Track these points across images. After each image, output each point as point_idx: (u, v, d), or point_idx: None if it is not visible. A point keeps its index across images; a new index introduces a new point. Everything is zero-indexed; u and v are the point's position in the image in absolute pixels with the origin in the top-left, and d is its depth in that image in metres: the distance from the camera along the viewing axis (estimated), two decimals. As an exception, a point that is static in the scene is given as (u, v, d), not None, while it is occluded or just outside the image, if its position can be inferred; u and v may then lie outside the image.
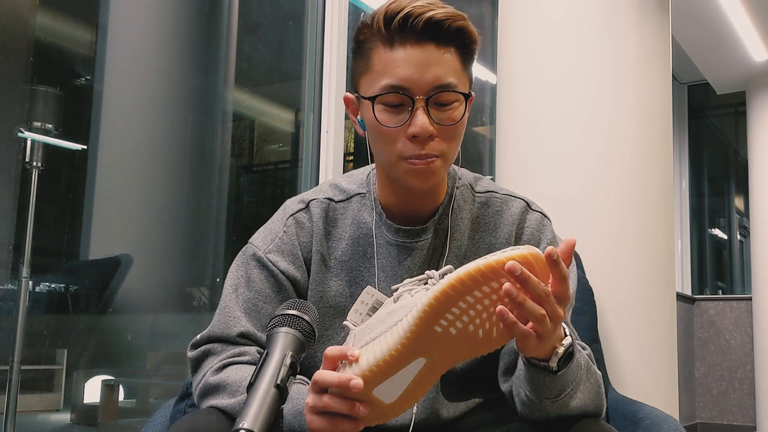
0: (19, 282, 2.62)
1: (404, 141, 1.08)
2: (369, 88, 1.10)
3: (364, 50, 1.11)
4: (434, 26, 1.06)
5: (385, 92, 1.07)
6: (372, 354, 0.91)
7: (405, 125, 1.07)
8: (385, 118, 1.08)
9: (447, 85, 1.08)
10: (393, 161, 1.10)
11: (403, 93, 1.07)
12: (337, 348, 0.92)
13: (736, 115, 6.85)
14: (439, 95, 1.07)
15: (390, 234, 1.18)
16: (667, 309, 2.24)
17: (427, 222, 1.18)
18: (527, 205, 1.23)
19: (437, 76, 1.07)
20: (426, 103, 1.07)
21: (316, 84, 2.90)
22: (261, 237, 1.21)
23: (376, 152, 1.14)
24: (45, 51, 3.16)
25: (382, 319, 0.98)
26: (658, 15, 2.32)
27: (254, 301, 1.16)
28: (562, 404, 1.03)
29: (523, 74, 2.30)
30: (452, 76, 1.08)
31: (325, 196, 1.23)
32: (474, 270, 0.88)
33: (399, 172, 1.11)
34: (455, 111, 1.09)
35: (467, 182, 1.24)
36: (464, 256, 1.18)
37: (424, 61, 1.06)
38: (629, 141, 2.19)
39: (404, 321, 0.91)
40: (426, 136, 1.07)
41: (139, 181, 3.48)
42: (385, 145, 1.10)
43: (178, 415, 1.23)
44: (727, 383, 5.55)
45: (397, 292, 1.00)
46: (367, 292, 1.07)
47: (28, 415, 3.02)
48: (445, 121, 1.08)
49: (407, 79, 1.06)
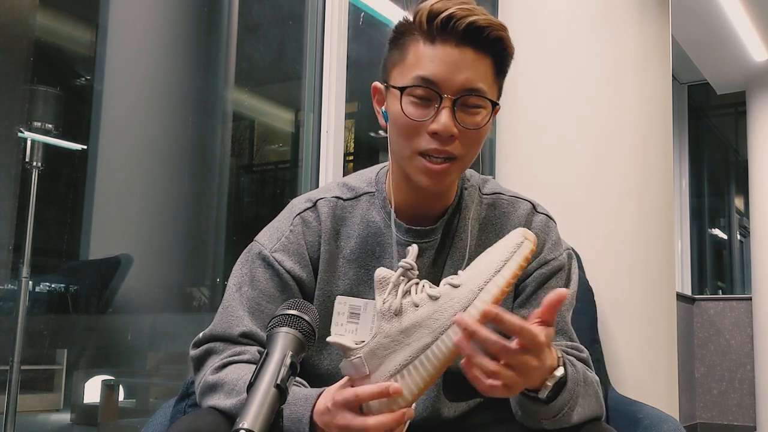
0: (19, 282, 2.62)
1: (425, 136, 1.08)
2: (400, 80, 1.10)
3: (401, 42, 1.11)
4: (475, 31, 1.07)
5: (415, 84, 1.08)
6: (414, 384, 0.97)
7: (429, 120, 1.08)
8: (411, 110, 1.08)
9: (476, 90, 1.08)
10: (409, 155, 1.10)
11: (433, 88, 1.07)
12: (371, 388, 0.96)
13: (736, 115, 6.85)
14: (467, 98, 1.08)
15: (399, 233, 1.18)
16: (667, 309, 2.24)
17: (436, 222, 1.18)
18: (533, 207, 1.23)
19: (469, 78, 1.07)
20: (453, 104, 1.07)
21: (316, 84, 2.90)
22: (267, 235, 1.21)
23: (394, 144, 1.14)
24: (45, 51, 3.16)
25: (395, 338, 0.98)
26: (658, 15, 2.32)
27: (258, 300, 1.16)
28: (562, 421, 1.04)
29: (523, 74, 2.30)
30: (483, 83, 1.09)
31: (333, 195, 1.22)
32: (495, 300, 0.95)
33: (412, 167, 1.11)
34: (480, 116, 1.10)
35: (475, 183, 1.24)
36: (471, 257, 1.18)
37: (458, 62, 1.07)
38: (629, 141, 2.19)
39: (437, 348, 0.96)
40: (447, 135, 1.07)
41: (139, 181, 3.48)
42: (405, 137, 1.10)
43: (178, 415, 1.23)
44: (727, 383, 5.55)
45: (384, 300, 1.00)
46: (339, 302, 1.07)
47: (28, 415, 3.02)
48: (468, 124, 1.09)
49: (439, 75, 1.07)
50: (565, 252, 1.22)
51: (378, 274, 1.01)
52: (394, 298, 1.00)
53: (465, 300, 0.96)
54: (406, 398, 0.97)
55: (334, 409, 0.98)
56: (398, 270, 1.01)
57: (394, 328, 0.99)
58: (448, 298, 0.97)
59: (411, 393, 0.97)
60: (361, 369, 0.99)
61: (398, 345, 0.98)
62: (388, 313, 0.99)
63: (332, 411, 0.98)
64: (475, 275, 0.98)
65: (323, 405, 1.00)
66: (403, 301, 1.00)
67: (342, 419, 0.97)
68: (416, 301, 0.99)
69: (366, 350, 0.99)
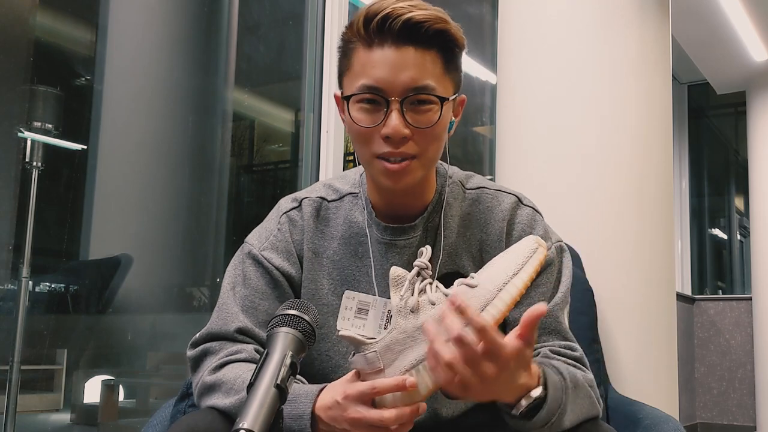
0: (19, 282, 2.62)
1: (379, 140, 1.08)
2: (348, 88, 1.11)
3: (346, 50, 1.12)
4: (413, 28, 1.05)
5: (360, 92, 1.08)
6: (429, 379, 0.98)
7: (380, 125, 1.07)
8: (360, 118, 1.09)
9: (423, 88, 1.07)
10: (368, 160, 1.11)
11: (378, 93, 1.07)
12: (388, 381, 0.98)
13: (736, 115, 6.84)
14: (414, 97, 1.07)
15: (378, 232, 1.18)
16: (667, 309, 2.24)
17: (415, 220, 1.18)
18: (518, 200, 1.22)
19: (413, 78, 1.06)
20: (401, 105, 1.07)
21: (316, 84, 2.90)
22: (256, 235, 1.23)
23: (355, 150, 1.15)
24: (45, 51, 3.15)
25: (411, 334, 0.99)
26: (658, 15, 2.32)
27: (251, 298, 1.17)
28: (554, 428, 1.03)
29: (522, 74, 2.30)
30: (430, 79, 1.07)
31: (317, 195, 1.24)
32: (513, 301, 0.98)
33: (374, 171, 1.11)
34: (431, 113, 1.08)
35: (457, 179, 1.23)
36: (455, 254, 1.18)
37: (400, 63, 1.06)
38: (629, 141, 2.19)
39: None
40: (399, 137, 1.07)
41: (139, 181, 3.48)
42: (361, 144, 1.11)
43: (178, 415, 1.23)
44: (727, 383, 5.55)
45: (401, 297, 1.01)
46: (347, 297, 1.07)
47: (28, 415, 3.02)
48: (420, 123, 1.08)
49: (382, 80, 1.06)
50: (555, 246, 1.19)
51: (393, 273, 1.03)
52: (411, 295, 1.02)
53: (483, 300, 0.98)
54: (420, 394, 0.98)
55: (345, 402, 0.98)
56: (413, 269, 1.03)
57: (411, 325, 1.00)
58: (465, 297, 0.97)
59: (425, 389, 0.98)
60: (376, 363, 1.00)
61: (414, 341, 0.99)
62: (405, 309, 1.01)
63: (342, 404, 0.98)
64: (493, 277, 1.00)
65: (330, 399, 1.00)
66: (419, 299, 1.01)
67: (355, 412, 0.97)
68: (433, 299, 1.01)
69: (381, 345, 1.00)
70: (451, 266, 1.18)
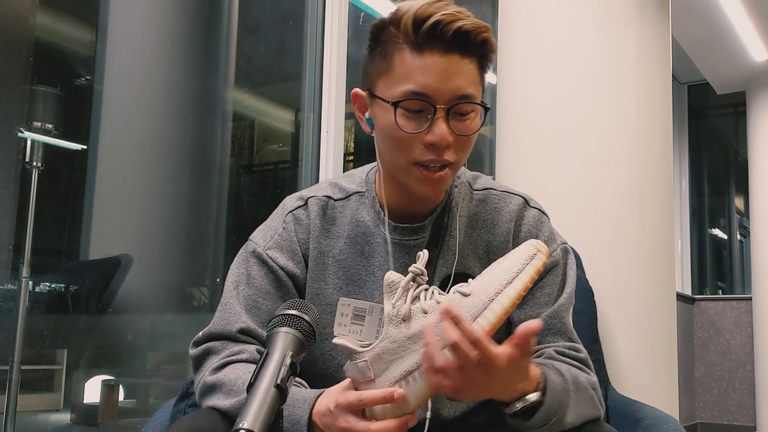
0: (19, 282, 2.62)
1: (420, 147, 1.08)
2: (388, 91, 1.09)
3: (385, 51, 1.09)
4: (462, 36, 1.05)
5: (407, 98, 1.06)
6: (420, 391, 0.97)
7: (423, 132, 1.07)
8: (404, 123, 1.07)
9: (468, 96, 1.07)
10: (405, 166, 1.10)
11: (425, 100, 1.06)
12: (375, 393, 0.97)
13: (736, 115, 6.84)
14: (459, 105, 1.07)
15: (388, 232, 1.18)
16: (667, 309, 2.24)
17: (424, 220, 1.18)
18: (525, 202, 1.22)
19: (459, 86, 1.06)
20: (446, 113, 1.06)
21: (316, 84, 2.90)
22: (261, 234, 1.22)
23: (385, 154, 1.13)
24: (45, 51, 3.15)
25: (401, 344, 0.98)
26: (658, 15, 2.32)
27: (254, 297, 1.17)
28: (555, 428, 1.03)
29: (523, 74, 2.30)
30: (472, 87, 1.08)
31: (324, 194, 1.23)
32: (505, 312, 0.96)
33: (410, 177, 1.11)
34: (473, 122, 1.09)
35: (465, 180, 1.23)
36: (462, 254, 1.18)
37: (448, 71, 1.06)
38: (629, 141, 2.19)
39: None
40: (444, 145, 1.07)
41: (139, 181, 3.48)
42: (399, 149, 1.09)
43: (178, 415, 1.23)
44: (727, 383, 5.55)
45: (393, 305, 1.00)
46: (342, 304, 1.06)
47: (28, 415, 3.02)
48: (462, 131, 1.08)
49: (430, 87, 1.06)
50: (560, 247, 1.20)
51: (387, 278, 1.02)
52: (404, 303, 1.00)
53: (475, 309, 0.96)
54: (409, 405, 0.97)
55: (336, 411, 0.98)
56: (408, 275, 1.01)
57: (402, 334, 0.98)
58: (457, 306, 0.96)
59: (416, 400, 0.97)
60: (366, 373, 0.98)
61: (405, 351, 0.98)
62: (396, 318, 0.99)
63: (334, 413, 0.98)
64: (486, 285, 0.98)
65: (324, 406, 1.00)
66: (412, 306, 0.99)
67: (344, 422, 0.97)
68: (425, 308, 0.99)
69: (372, 354, 0.99)
70: (458, 267, 1.17)
